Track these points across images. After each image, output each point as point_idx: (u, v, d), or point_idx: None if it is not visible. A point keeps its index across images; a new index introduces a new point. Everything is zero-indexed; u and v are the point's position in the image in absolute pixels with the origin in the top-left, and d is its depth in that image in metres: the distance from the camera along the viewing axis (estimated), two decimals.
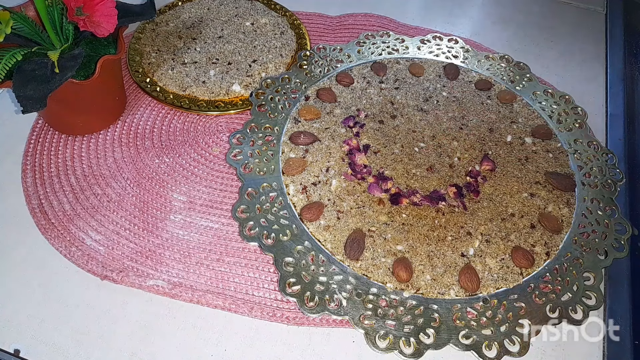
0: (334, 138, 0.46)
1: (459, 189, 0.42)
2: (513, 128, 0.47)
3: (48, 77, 0.37)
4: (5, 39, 0.37)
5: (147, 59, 0.52)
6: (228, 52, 0.52)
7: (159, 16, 0.56)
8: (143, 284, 0.37)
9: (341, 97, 0.49)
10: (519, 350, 0.34)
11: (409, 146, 0.45)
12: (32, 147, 0.45)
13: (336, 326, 0.36)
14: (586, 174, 0.44)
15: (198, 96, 0.49)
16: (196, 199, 0.43)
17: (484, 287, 0.37)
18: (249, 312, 0.36)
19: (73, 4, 0.38)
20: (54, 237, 0.40)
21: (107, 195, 0.42)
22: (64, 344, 0.35)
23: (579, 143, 0.47)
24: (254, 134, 0.45)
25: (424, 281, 0.37)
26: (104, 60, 0.41)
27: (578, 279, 0.38)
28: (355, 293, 0.36)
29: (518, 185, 0.43)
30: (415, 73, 0.52)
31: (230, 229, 0.41)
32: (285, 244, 0.38)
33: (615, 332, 0.36)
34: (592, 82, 0.53)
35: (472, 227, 0.40)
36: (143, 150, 0.46)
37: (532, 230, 0.40)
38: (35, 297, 0.37)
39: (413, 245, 0.39)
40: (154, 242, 0.40)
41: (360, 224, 0.40)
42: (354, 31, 0.58)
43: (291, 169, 0.43)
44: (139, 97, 0.50)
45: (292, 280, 0.36)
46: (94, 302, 0.37)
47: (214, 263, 0.39)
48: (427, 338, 0.35)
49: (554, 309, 0.36)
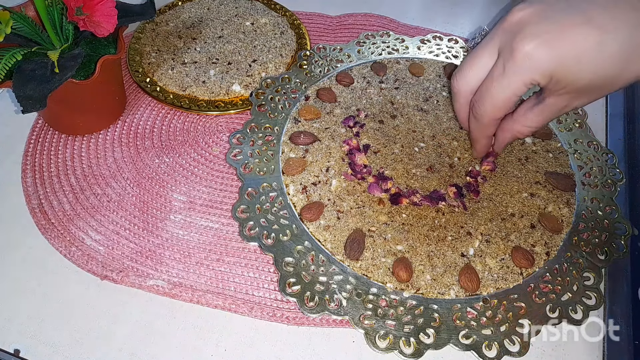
0: (334, 138, 0.46)
1: (459, 189, 0.42)
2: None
3: (48, 77, 0.37)
4: (5, 39, 0.37)
5: (147, 59, 0.52)
6: (228, 52, 0.52)
7: (159, 16, 0.56)
8: (143, 284, 0.37)
9: (341, 97, 0.49)
10: (519, 350, 0.34)
11: (409, 146, 0.45)
12: (32, 147, 0.45)
13: (336, 326, 0.36)
14: (586, 174, 0.44)
15: (198, 96, 0.49)
16: (196, 199, 0.43)
17: (484, 287, 0.37)
18: (249, 312, 0.36)
19: (73, 3, 0.38)
20: (54, 237, 0.40)
21: (107, 195, 0.42)
22: (64, 344, 0.35)
23: (579, 143, 0.47)
24: (254, 134, 0.45)
25: (424, 281, 0.37)
26: (104, 60, 0.41)
27: (578, 279, 0.38)
28: (355, 293, 0.36)
29: (518, 185, 0.43)
30: (415, 73, 0.52)
31: (230, 229, 0.41)
32: (285, 244, 0.38)
33: (615, 332, 0.36)
34: None
35: (472, 227, 0.40)
36: (143, 150, 0.46)
37: (532, 230, 0.40)
38: (35, 297, 0.37)
39: (413, 245, 0.39)
40: (154, 242, 0.40)
41: (360, 224, 0.40)
42: (354, 31, 0.58)
43: (291, 169, 0.43)
44: (139, 97, 0.50)
45: (292, 280, 0.36)
46: (94, 302, 0.37)
47: (214, 263, 0.39)
48: (427, 338, 0.35)
49: (554, 309, 0.36)
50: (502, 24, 0.35)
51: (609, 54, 0.31)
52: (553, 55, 0.32)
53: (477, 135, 0.41)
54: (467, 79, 0.38)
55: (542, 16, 0.33)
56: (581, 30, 0.31)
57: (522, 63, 0.33)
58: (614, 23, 0.31)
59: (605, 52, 0.31)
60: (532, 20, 0.33)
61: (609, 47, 0.31)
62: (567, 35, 0.32)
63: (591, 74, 0.32)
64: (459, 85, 0.39)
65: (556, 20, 0.32)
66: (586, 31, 0.31)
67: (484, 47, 0.36)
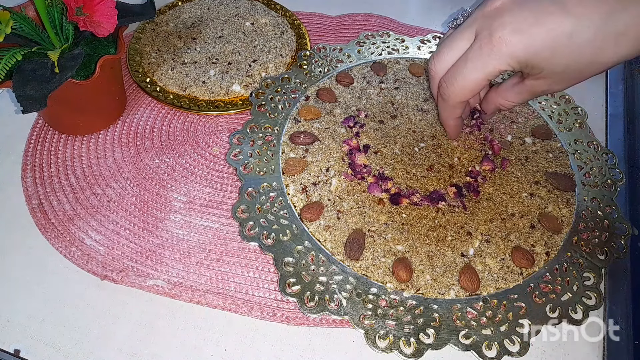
0: (334, 138, 0.46)
1: (459, 189, 0.42)
2: (513, 128, 0.47)
3: (48, 77, 0.37)
4: (5, 39, 0.37)
5: (147, 59, 0.52)
6: (228, 52, 0.52)
7: (159, 16, 0.56)
8: (143, 284, 0.37)
9: (341, 97, 0.49)
10: (519, 350, 0.34)
11: (409, 146, 0.45)
12: (32, 147, 0.45)
13: (336, 326, 0.36)
14: (586, 174, 0.44)
15: (198, 96, 0.49)
16: (196, 199, 0.43)
17: (484, 287, 0.37)
18: (249, 312, 0.36)
19: (73, 3, 0.38)
20: (54, 237, 0.40)
21: (107, 195, 0.42)
22: (64, 344, 0.35)
23: (579, 143, 0.47)
24: (254, 134, 0.45)
25: (424, 281, 0.37)
26: (104, 60, 0.41)
27: (578, 279, 0.38)
28: (355, 293, 0.36)
29: (518, 185, 0.43)
30: (415, 73, 0.52)
31: (230, 229, 0.41)
32: (285, 244, 0.38)
33: (615, 332, 0.36)
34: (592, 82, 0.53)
35: (472, 227, 0.40)
36: (143, 150, 0.46)
37: (532, 230, 0.40)
38: (35, 297, 0.37)
39: (413, 245, 0.39)
40: (154, 242, 0.40)
41: (360, 224, 0.40)
42: (354, 31, 0.58)
43: (291, 169, 0.43)
44: (139, 97, 0.50)
45: (292, 280, 0.36)
46: (94, 302, 0.37)
47: (214, 263, 0.39)
48: (427, 338, 0.35)
49: (554, 309, 0.36)
50: (482, 9, 0.36)
51: (581, 41, 0.32)
52: (527, 43, 0.33)
53: (444, 116, 0.42)
54: (444, 62, 0.38)
55: (521, 4, 0.33)
56: (555, 18, 0.32)
57: (498, 48, 0.34)
58: (587, 11, 0.31)
59: (578, 40, 0.32)
60: (511, 8, 0.34)
61: (582, 35, 0.31)
62: (541, 24, 0.32)
63: (565, 61, 0.33)
64: (435, 68, 0.39)
65: (533, 8, 0.33)
66: (560, 19, 0.32)
67: (462, 30, 0.37)
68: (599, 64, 0.33)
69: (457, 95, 0.38)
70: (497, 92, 0.40)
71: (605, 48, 0.32)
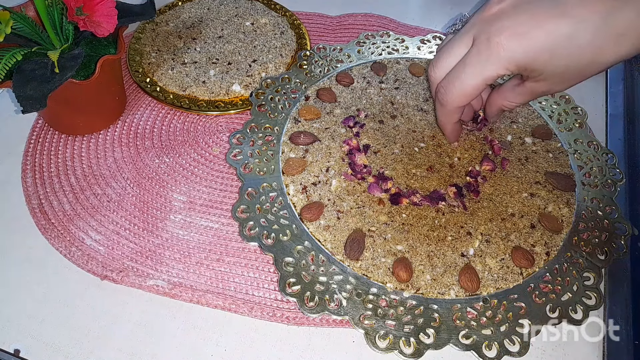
0: (334, 138, 0.46)
1: (459, 189, 0.42)
2: (513, 128, 0.47)
3: (48, 77, 0.37)
4: (5, 39, 0.37)
5: (147, 59, 0.52)
6: (228, 52, 0.52)
7: (159, 16, 0.56)
8: (143, 284, 0.37)
9: (341, 97, 0.49)
10: (519, 350, 0.34)
11: (409, 146, 0.45)
12: (32, 147, 0.46)
13: (336, 326, 0.36)
14: (586, 174, 0.44)
15: (198, 96, 0.49)
16: (196, 199, 0.43)
17: (484, 287, 0.37)
18: (249, 312, 0.36)
19: (73, 3, 0.38)
20: (54, 237, 0.40)
21: (107, 195, 0.42)
22: (64, 344, 0.35)
23: (579, 143, 0.47)
24: (254, 134, 0.45)
25: (424, 281, 0.37)
26: (104, 60, 0.41)
27: (578, 279, 0.38)
28: (355, 293, 0.36)
29: (518, 185, 0.43)
30: (415, 73, 0.52)
31: (230, 229, 0.41)
32: (285, 244, 0.38)
33: (615, 332, 0.36)
34: (592, 82, 0.53)
35: (472, 227, 0.40)
36: (143, 150, 0.46)
37: (532, 230, 0.40)
38: (35, 297, 0.37)
39: (413, 245, 0.39)
40: (154, 242, 0.40)
41: (360, 224, 0.40)
42: (354, 31, 0.58)
43: (291, 169, 0.43)
44: (139, 97, 0.50)
45: (292, 280, 0.36)
46: (94, 302, 0.37)
47: (214, 263, 0.39)
48: (427, 338, 0.35)
49: (554, 309, 0.36)
50: (480, 14, 0.36)
51: (581, 43, 0.32)
52: (526, 47, 0.33)
53: (443, 121, 0.42)
54: (443, 67, 0.38)
55: (519, 8, 0.33)
56: (554, 21, 0.32)
57: (496, 53, 0.34)
58: (587, 11, 0.31)
59: (578, 42, 0.32)
60: (509, 12, 0.34)
61: (582, 36, 0.31)
62: (540, 27, 0.32)
63: (565, 63, 0.33)
64: (435, 74, 0.39)
65: (531, 12, 0.33)
66: (558, 22, 0.32)
67: (460, 36, 0.37)
68: (599, 64, 0.33)
69: (455, 100, 0.38)
70: (499, 94, 0.40)
71: (605, 48, 0.32)
